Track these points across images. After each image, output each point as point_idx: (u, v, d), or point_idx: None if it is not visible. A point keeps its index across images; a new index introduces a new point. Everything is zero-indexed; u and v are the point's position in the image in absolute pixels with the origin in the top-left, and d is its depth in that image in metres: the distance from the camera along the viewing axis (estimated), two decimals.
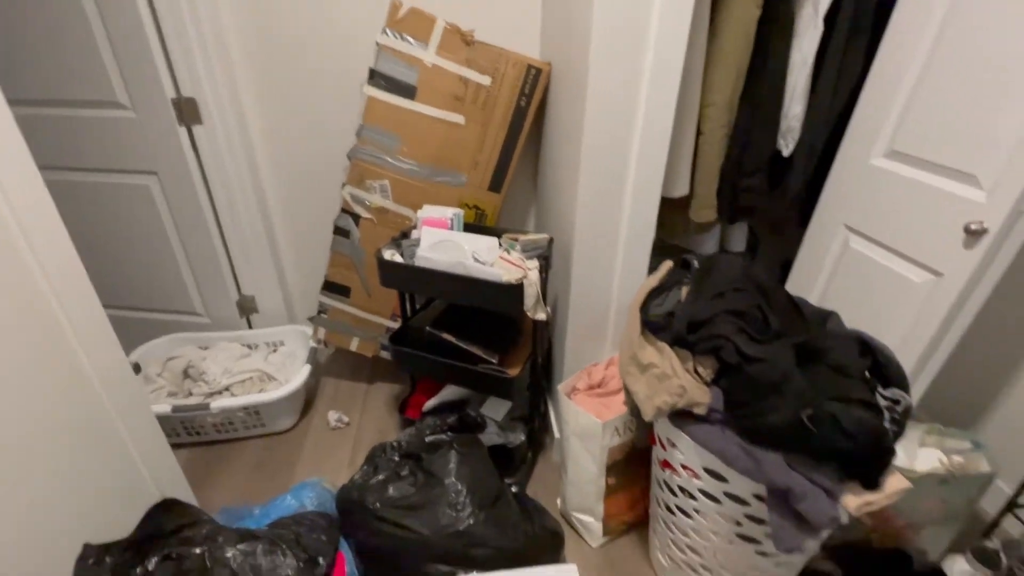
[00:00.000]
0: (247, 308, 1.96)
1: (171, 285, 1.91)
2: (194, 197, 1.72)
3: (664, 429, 1.05)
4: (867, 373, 0.87)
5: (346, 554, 1.21)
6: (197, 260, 1.85)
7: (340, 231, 1.62)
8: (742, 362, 0.87)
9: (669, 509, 1.14)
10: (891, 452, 0.82)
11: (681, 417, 0.97)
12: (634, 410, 1.18)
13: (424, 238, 1.29)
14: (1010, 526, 1.34)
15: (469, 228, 1.46)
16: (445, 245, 1.24)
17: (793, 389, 0.80)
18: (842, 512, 0.82)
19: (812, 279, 1.52)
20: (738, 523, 0.98)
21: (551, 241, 1.35)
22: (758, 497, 0.91)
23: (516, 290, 1.13)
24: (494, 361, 1.32)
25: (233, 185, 1.71)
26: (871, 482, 0.84)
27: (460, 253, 1.21)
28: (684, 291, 0.98)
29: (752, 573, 1.07)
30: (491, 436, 1.41)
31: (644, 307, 1.00)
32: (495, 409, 1.52)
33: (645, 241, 1.29)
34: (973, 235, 1.06)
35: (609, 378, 1.35)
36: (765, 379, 0.82)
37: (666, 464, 1.09)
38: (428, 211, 1.42)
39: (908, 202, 1.22)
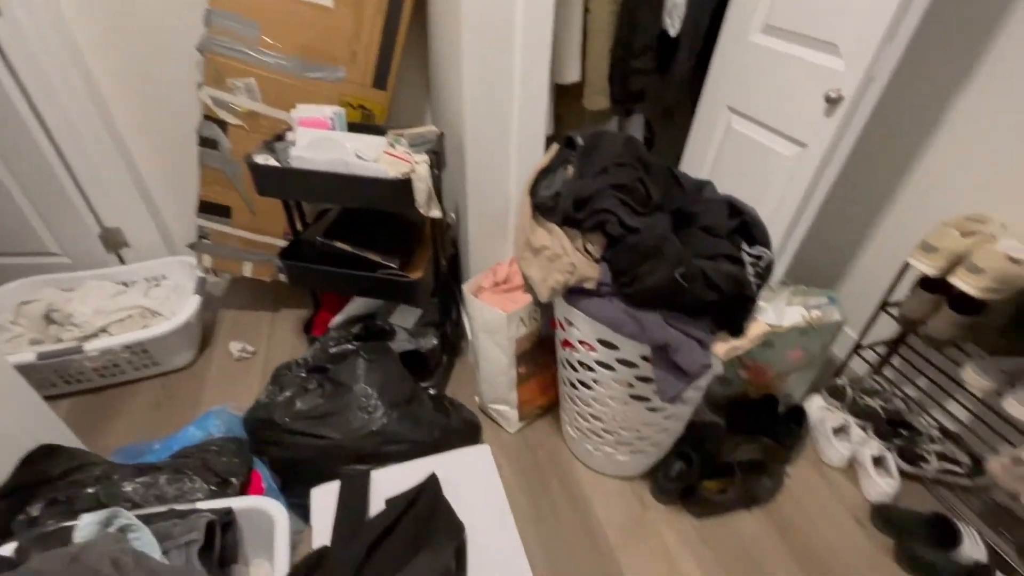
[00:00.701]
0: (114, 242, 1.74)
1: (10, 223, 1.64)
2: (12, 113, 1.43)
3: (562, 310, 1.09)
4: (735, 233, 0.93)
5: (261, 471, 1.20)
6: (34, 190, 1.59)
7: (206, 142, 1.44)
8: (625, 234, 0.89)
9: (573, 385, 1.22)
10: (753, 301, 0.90)
11: (574, 295, 1.00)
12: (538, 299, 1.22)
13: (300, 138, 1.17)
14: (856, 366, 1.59)
15: (355, 129, 1.35)
16: (323, 143, 1.14)
17: (669, 252, 0.84)
18: (713, 359, 0.91)
19: (701, 162, 1.59)
20: (630, 384, 1.07)
21: (441, 135, 1.28)
22: (644, 358, 0.98)
23: (404, 186, 1.07)
24: (394, 266, 1.28)
25: (59, 94, 1.43)
26: (737, 330, 0.93)
27: (340, 151, 1.11)
28: (571, 170, 0.97)
29: (646, 429, 1.19)
30: (402, 343, 1.40)
31: (533, 190, 0.99)
32: (405, 317, 1.50)
33: (537, 131, 1.26)
34: (832, 103, 1.13)
35: (513, 275, 1.36)
36: (644, 246, 0.85)
37: (566, 343, 1.15)
38: (304, 110, 1.28)
39: (780, 77, 1.27)
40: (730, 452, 1.36)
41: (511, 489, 1.34)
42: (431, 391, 1.50)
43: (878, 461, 1.33)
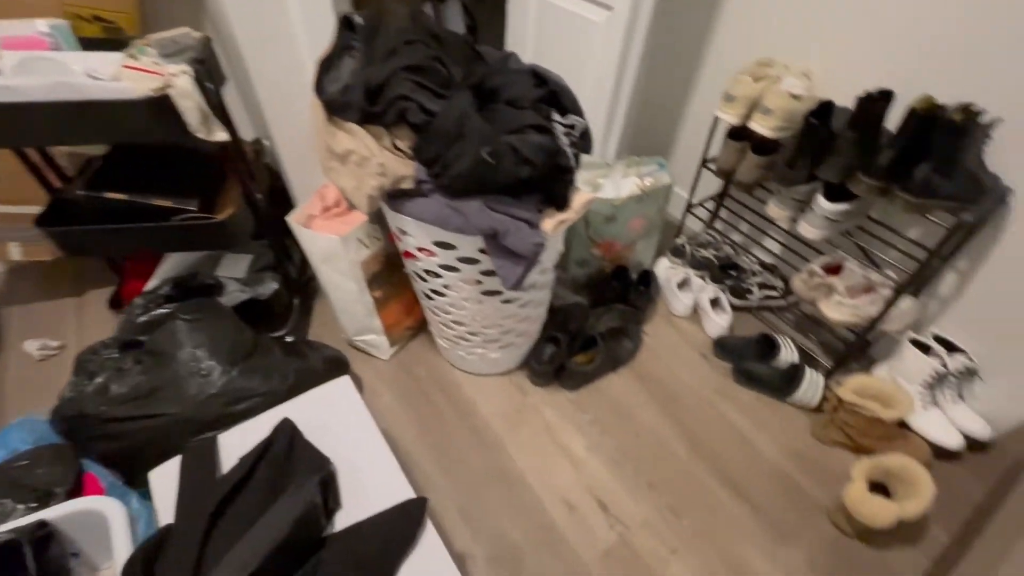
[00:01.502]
0: None
1: None
2: None
3: (393, 219, 1.02)
4: (544, 103, 0.89)
5: (96, 470, 1.04)
6: None
7: None
8: (430, 120, 0.82)
9: (428, 296, 1.19)
10: (571, 171, 0.89)
11: (397, 200, 0.93)
12: (375, 217, 1.12)
13: (4, 63, 0.89)
14: (693, 224, 1.73)
15: (92, 47, 1.06)
16: (38, 65, 0.88)
17: (473, 131, 0.79)
18: (544, 237, 0.91)
19: (523, 44, 1.51)
20: (478, 281, 1.05)
21: (207, 40, 1.05)
22: (483, 251, 0.96)
23: (159, 106, 0.88)
24: (192, 209, 1.09)
25: None
26: (562, 204, 0.93)
27: (64, 72, 0.87)
28: (356, 57, 0.85)
29: (508, 322, 1.20)
30: (235, 294, 1.25)
31: (318, 86, 0.86)
32: (234, 266, 1.33)
33: (326, 14, 1.09)
34: None
35: None
36: (444, 129, 0.79)
37: (407, 254, 1.09)
38: (5, 27, 0.98)
39: None
40: (594, 326, 1.45)
41: (395, 413, 1.33)
42: (288, 338, 1.39)
43: (714, 302, 1.51)
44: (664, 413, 1.32)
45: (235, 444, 0.89)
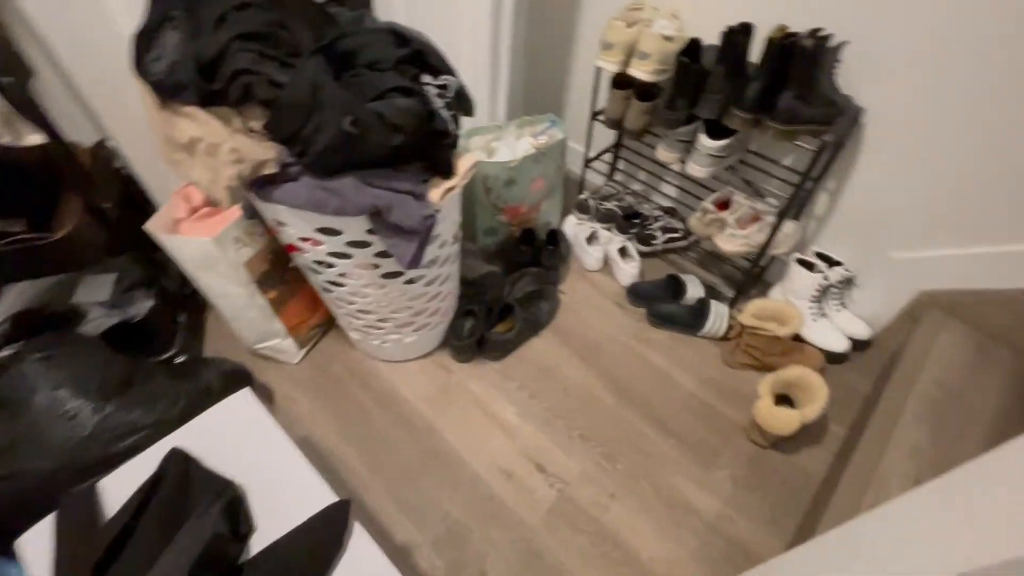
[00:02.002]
0: None
1: None
2: None
3: (266, 210, 0.92)
4: (409, 64, 0.83)
5: None
6: None
7: None
8: (281, 94, 0.73)
9: (326, 289, 1.10)
10: (447, 134, 0.85)
11: (264, 188, 0.83)
12: (251, 210, 1.01)
13: None
14: (594, 178, 1.74)
15: None
16: None
17: (330, 100, 0.71)
18: (432, 208, 0.86)
19: (389, 3, 1.41)
20: (375, 266, 0.99)
21: None
22: (372, 232, 0.89)
23: None
24: (19, 230, 0.93)
25: None
26: (447, 170, 0.88)
27: None
28: (177, 30, 0.74)
29: (418, 303, 1.15)
30: (100, 321, 1.10)
31: (138, 66, 0.74)
32: (95, 289, 1.17)
33: None
34: None
35: None
36: (295, 101, 0.71)
37: (291, 248, 1.00)
38: None
39: None
40: (510, 292, 1.44)
41: (315, 417, 1.25)
42: (178, 359, 1.25)
43: (623, 252, 1.54)
44: (588, 366, 1.35)
45: (122, 487, 0.79)
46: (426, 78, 0.86)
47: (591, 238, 1.58)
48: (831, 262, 1.32)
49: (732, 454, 1.19)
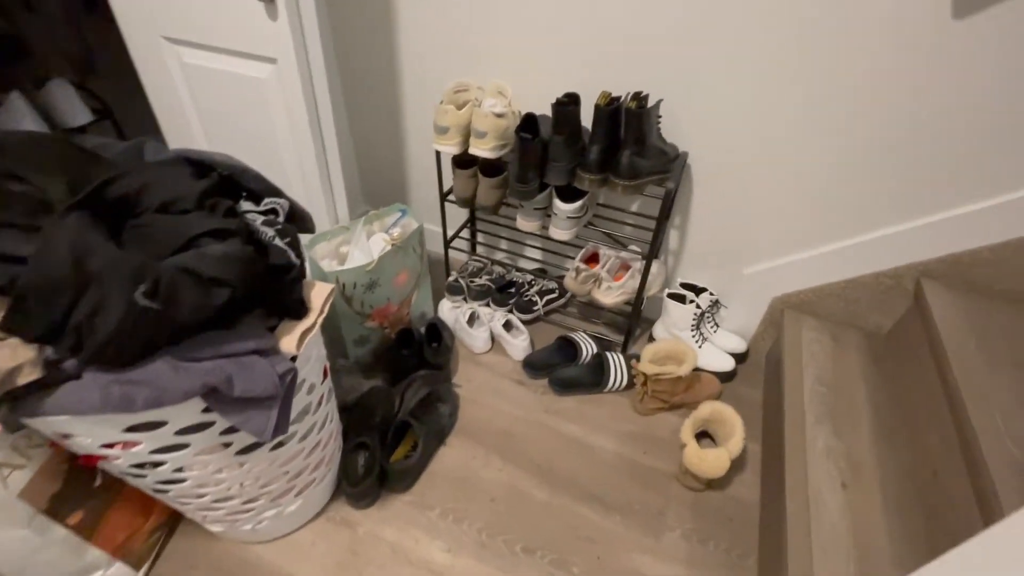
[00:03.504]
0: None
1: None
2: None
3: (42, 424, 0.65)
4: (217, 195, 0.66)
5: None
6: None
7: None
8: (19, 273, 0.51)
9: (159, 492, 0.83)
10: (288, 267, 0.69)
11: (31, 400, 0.58)
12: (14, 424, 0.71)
13: None
14: (457, 255, 1.67)
15: None
16: None
17: (108, 268, 0.52)
18: (288, 361, 0.68)
19: (179, 119, 1.21)
20: (225, 445, 0.76)
21: None
22: (208, 410, 0.68)
23: None
24: None
25: None
26: (297, 310, 0.72)
27: None
28: None
29: (295, 464, 0.92)
30: None
31: None
32: None
33: None
34: (267, 1, 0.93)
35: None
36: (52, 278, 0.50)
37: (88, 459, 0.72)
38: None
39: None
40: (401, 406, 1.26)
41: None
42: None
43: (508, 326, 1.47)
44: (506, 461, 1.22)
45: None
46: (246, 206, 0.70)
47: (472, 319, 1.49)
48: (697, 290, 1.41)
49: (675, 509, 1.14)
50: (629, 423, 1.31)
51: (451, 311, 1.52)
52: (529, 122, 1.13)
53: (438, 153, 1.28)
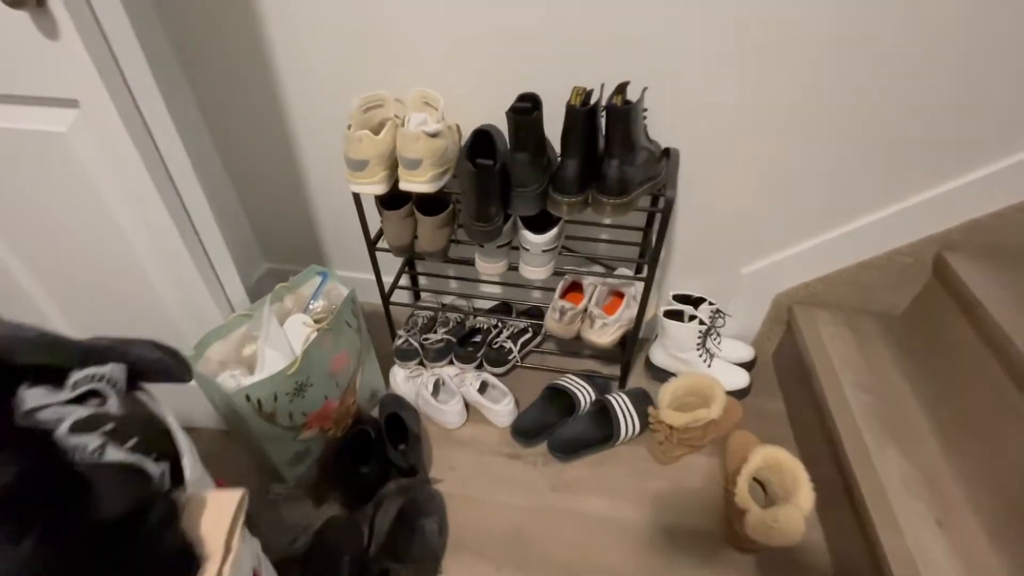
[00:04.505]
0: None
1: None
2: None
3: None
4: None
5: None
6: None
7: None
8: None
9: None
10: (149, 502, 0.36)
11: None
12: None
13: None
14: (399, 312, 1.35)
15: None
16: None
17: None
18: None
19: None
20: None
21: None
22: None
23: None
24: None
25: None
26: (179, 566, 0.39)
27: None
28: None
29: None
30: None
31: None
32: None
33: None
34: (22, 5, 0.56)
35: None
36: None
37: None
38: None
39: None
40: (371, 539, 0.94)
41: None
42: None
43: (483, 387, 1.19)
44: (521, 569, 0.95)
45: None
46: (36, 397, 0.36)
47: (437, 388, 1.18)
48: (694, 301, 1.20)
49: None
50: (655, 478, 1.09)
51: (407, 382, 1.21)
52: (481, 141, 0.84)
53: (357, 195, 0.96)
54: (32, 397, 0.38)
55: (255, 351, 0.90)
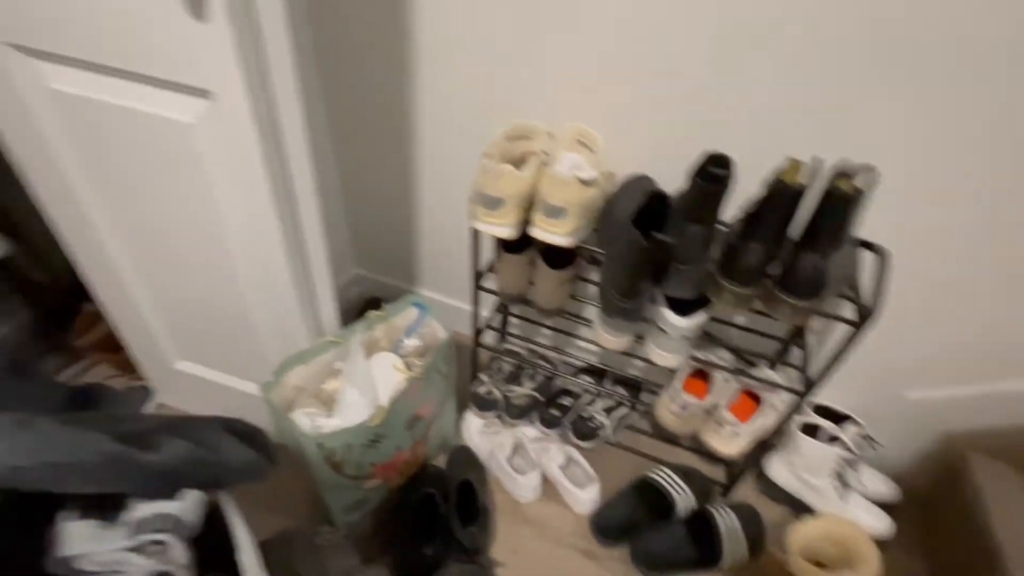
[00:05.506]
0: None
1: None
2: None
3: None
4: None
5: None
6: None
7: None
8: None
9: None
10: None
11: None
12: None
13: None
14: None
15: None
16: None
17: None
18: None
19: (59, 187, 0.73)
20: None
21: None
22: None
23: None
24: None
25: None
26: None
27: None
28: None
29: None
30: None
31: None
32: None
33: None
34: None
35: None
36: None
37: None
38: None
39: None
40: None
41: None
42: None
43: (567, 465, 1.03)
44: None
45: None
46: (83, 536, 0.24)
47: (515, 452, 1.04)
48: (837, 416, 0.99)
49: None
50: None
51: (482, 435, 1.07)
52: (655, 206, 0.69)
53: (476, 231, 0.84)
54: (77, 536, 0.26)
55: (336, 389, 0.79)
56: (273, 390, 0.77)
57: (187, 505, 0.30)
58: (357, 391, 0.77)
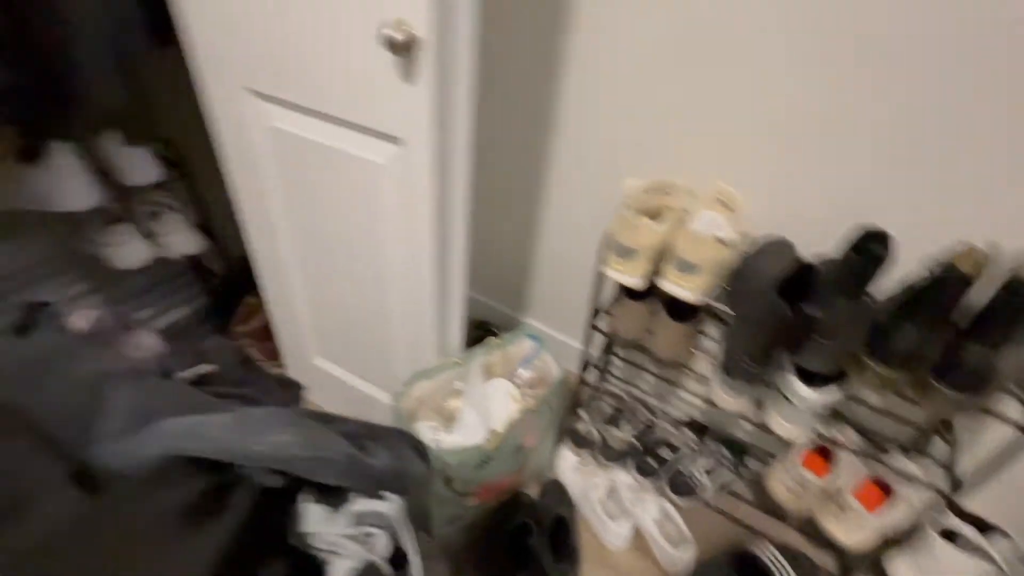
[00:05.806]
0: None
1: None
2: None
3: None
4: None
5: None
6: None
7: None
8: None
9: None
10: None
11: None
12: None
13: None
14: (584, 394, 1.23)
15: None
16: None
17: None
18: None
19: (260, 204, 0.88)
20: None
21: None
22: None
23: None
24: None
25: None
26: None
27: None
28: None
29: None
30: None
31: None
32: None
33: None
34: (402, 51, 0.56)
35: None
36: None
37: None
38: None
39: (305, 19, 0.63)
40: None
41: None
42: None
43: (662, 521, 1.01)
44: None
45: None
46: (316, 518, 0.30)
47: (610, 494, 1.04)
48: (983, 526, 0.88)
49: None
50: None
51: (576, 473, 1.08)
52: (800, 278, 0.68)
53: (602, 275, 0.87)
54: (313, 517, 0.32)
55: (456, 407, 0.85)
56: (401, 399, 0.84)
57: (392, 506, 0.36)
58: (475, 412, 0.82)
